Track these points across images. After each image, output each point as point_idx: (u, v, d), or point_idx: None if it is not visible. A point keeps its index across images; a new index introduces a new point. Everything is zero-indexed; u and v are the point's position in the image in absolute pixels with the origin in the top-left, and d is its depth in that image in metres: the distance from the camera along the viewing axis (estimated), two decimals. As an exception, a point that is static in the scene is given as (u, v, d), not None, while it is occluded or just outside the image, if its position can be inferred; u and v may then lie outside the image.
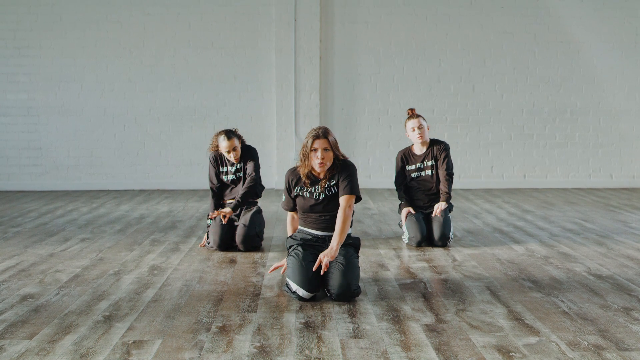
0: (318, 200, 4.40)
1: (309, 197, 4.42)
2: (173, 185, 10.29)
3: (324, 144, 4.29)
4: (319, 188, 4.39)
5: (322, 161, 4.29)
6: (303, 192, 4.44)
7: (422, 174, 6.03)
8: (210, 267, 5.13)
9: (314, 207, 4.41)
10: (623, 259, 5.37)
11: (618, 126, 10.52)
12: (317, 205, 4.41)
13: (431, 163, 6.01)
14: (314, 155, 4.30)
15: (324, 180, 4.39)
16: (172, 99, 10.23)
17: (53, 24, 10.08)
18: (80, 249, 5.80)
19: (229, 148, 5.72)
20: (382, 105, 10.32)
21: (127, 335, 3.55)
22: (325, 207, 4.40)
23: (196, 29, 10.17)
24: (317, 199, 4.40)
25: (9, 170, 10.23)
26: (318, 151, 4.29)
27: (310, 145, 4.30)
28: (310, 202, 4.41)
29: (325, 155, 4.29)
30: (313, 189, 4.41)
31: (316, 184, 4.42)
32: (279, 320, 3.81)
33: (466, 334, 3.57)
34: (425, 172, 6.02)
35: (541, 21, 10.32)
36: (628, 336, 3.53)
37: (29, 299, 4.26)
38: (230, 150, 5.73)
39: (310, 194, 4.41)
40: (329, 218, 4.41)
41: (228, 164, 5.87)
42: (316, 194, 4.40)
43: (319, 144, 4.29)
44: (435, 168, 6.01)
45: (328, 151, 4.31)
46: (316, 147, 4.29)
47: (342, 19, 10.21)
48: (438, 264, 5.22)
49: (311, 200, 4.41)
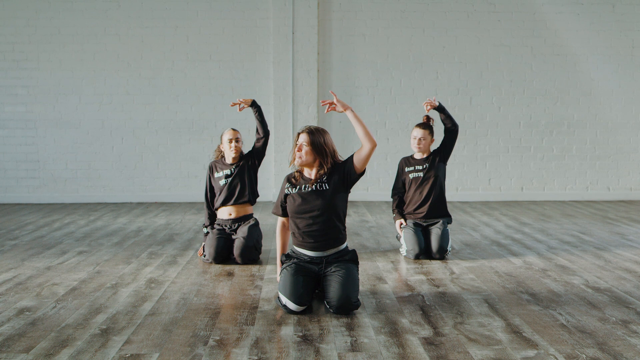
0: (306, 192, 4.37)
1: (297, 192, 4.41)
2: (171, 198, 10.28)
3: (303, 138, 4.42)
4: (312, 187, 4.40)
5: (299, 155, 4.40)
6: (291, 190, 4.46)
7: (420, 175, 6.03)
8: (207, 280, 5.12)
9: (301, 205, 4.37)
10: (621, 272, 5.38)
11: (615, 139, 10.55)
12: (304, 201, 4.37)
13: (429, 165, 6.01)
14: (295, 148, 4.45)
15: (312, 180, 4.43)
16: (170, 112, 10.25)
17: (51, 37, 10.10)
18: (78, 262, 5.79)
19: (232, 136, 5.83)
20: (379, 118, 10.34)
21: (125, 349, 3.54)
22: (313, 204, 4.34)
23: (194, 42, 10.20)
24: (305, 190, 4.38)
25: (7, 183, 10.22)
26: (297, 146, 4.43)
27: (295, 140, 4.48)
28: (297, 200, 4.38)
29: (303, 150, 4.39)
30: (303, 186, 4.42)
31: (307, 181, 4.44)
32: (277, 333, 3.80)
33: (464, 347, 3.56)
34: (425, 173, 6.02)
35: (538, 34, 10.37)
36: (626, 349, 3.52)
37: (25, 312, 4.24)
38: (233, 139, 5.82)
39: (299, 189, 4.42)
40: (319, 231, 4.36)
41: (222, 169, 5.90)
42: (305, 186, 4.40)
43: (301, 139, 4.43)
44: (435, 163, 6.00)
45: (306, 147, 4.39)
46: (298, 143, 4.44)
47: (339, 32, 10.25)
48: (436, 277, 5.22)
49: (298, 199, 4.38)
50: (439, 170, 6.03)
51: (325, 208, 4.35)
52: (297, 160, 4.41)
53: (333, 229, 4.38)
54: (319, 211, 4.35)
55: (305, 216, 4.36)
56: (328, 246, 4.39)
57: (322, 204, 4.35)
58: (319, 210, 4.35)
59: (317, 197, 4.37)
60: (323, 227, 4.36)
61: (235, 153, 5.84)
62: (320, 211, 4.35)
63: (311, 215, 4.36)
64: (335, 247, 4.41)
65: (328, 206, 4.35)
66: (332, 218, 4.37)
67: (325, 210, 4.35)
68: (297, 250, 4.46)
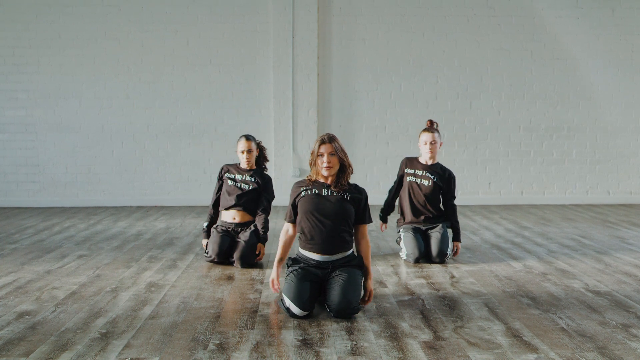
0: (327, 195, 4.41)
1: (316, 194, 4.43)
2: (171, 202, 10.28)
3: (329, 148, 4.43)
4: (330, 191, 4.43)
5: (329, 164, 4.41)
6: (308, 191, 4.46)
7: (419, 181, 6.03)
8: (207, 284, 5.11)
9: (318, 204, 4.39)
10: (621, 276, 5.37)
11: (615, 143, 10.56)
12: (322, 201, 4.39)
13: (431, 176, 6.00)
14: (320, 160, 4.43)
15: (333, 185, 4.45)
16: (170, 116, 10.26)
17: (52, 41, 10.11)
18: (78, 266, 5.78)
19: (244, 148, 5.87)
20: (379, 122, 10.35)
21: (124, 353, 3.53)
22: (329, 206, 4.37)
23: (194, 46, 10.21)
24: (327, 194, 4.42)
25: (7, 187, 10.22)
26: (324, 156, 4.42)
27: (317, 151, 4.46)
28: (315, 200, 4.40)
29: (331, 159, 4.42)
30: (322, 188, 4.45)
31: (325, 186, 4.46)
32: (277, 337, 3.80)
33: (464, 351, 3.56)
34: (422, 181, 6.02)
35: (538, 38, 10.38)
36: (626, 353, 3.52)
37: (25, 316, 4.24)
38: (245, 150, 5.86)
39: (319, 190, 4.44)
40: (327, 233, 4.37)
41: (238, 172, 5.95)
42: (325, 190, 4.43)
43: (325, 149, 4.43)
44: (436, 185, 6.01)
45: (334, 155, 4.42)
46: (322, 152, 4.43)
47: (339, 36, 10.26)
48: (436, 281, 5.22)
49: (317, 198, 4.41)
50: (434, 188, 6.02)
51: (340, 214, 4.38)
52: (326, 170, 4.42)
53: (342, 233, 4.39)
54: (333, 214, 4.37)
55: (318, 216, 4.37)
56: (335, 250, 4.38)
57: (337, 209, 4.38)
58: (333, 213, 4.37)
59: (336, 201, 4.40)
60: (333, 228, 4.36)
61: (247, 165, 5.93)
62: (334, 215, 4.37)
63: (324, 216, 4.36)
64: (342, 251, 4.41)
65: (342, 213, 4.38)
66: (342, 223, 4.39)
67: (339, 216, 4.38)
68: (304, 255, 4.45)
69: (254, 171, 5.95)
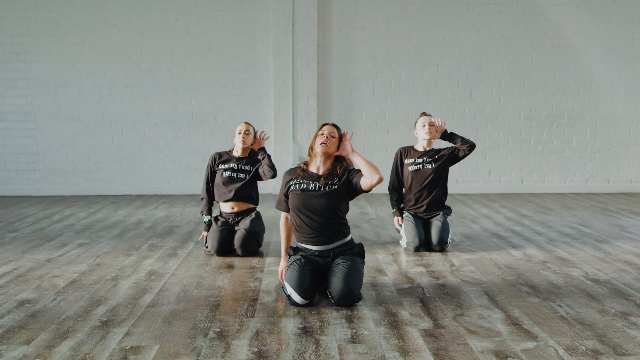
0: (312, 191, 4.36)
1: (302, 189, 4.38)
2: (171, 190, 10.28)
3: (331, 129, 4.46)
4: (317, 183, 4.39)
5: (325, 141, 4.40)
6: (296, 185, 4.43)
7: (421, 168, 5.99)
8: (208, 273, 5.12)
9: (305, 202, 4.35)
10: (620, 264, 5.38)
11: (615, 131, 10.55)
12: (309, 198, 4.35)
13: (430, 160, 5.96)
14: (320, 139, 4.43)
15: (323, 178, 4.40)
16: (169, 104, 10.24)
17: (51, 29, 10.08)
18: (78, 254, 5.79)
19: (243, 128, 5.89)
20: (379, 111, 10.33)
21: (125, 341, 3.54)
22: (317, 203, 4.33)
23: (194, 35, 10.18)
24: (314, 189, 4.36)
25: (7, 175, 10.22)
26: (324, 135, 4.43)
27: (318, 131, 4.48)
28: (302, 197, 4.36)
29: (329, 139, 4.42)
30: (310, 181, 4.41)
31: (314, 179, 4.42)
32: (277, 325, 3.81)
33: (464, 339, 3.57)
34: (425, 166, 5.98)
35: (538, 26, 10.35)
36: (626, 341, 3.53)
37: (26, 304, 4.25)
38: (243, 131, 5.87)
39: (306, 184, 4.40)
40: (320, 227, 4.35)
41: (229, 161, 5.88)
42: (313, 185, 4.38)
43: (326, 129, 4.46)
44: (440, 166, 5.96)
45: (334, 138, 4.44)
46: (323, 132, 4.45)
47: (339, 24, 10.23)
48: (436, 269, 5.22)
49: (303, 196, 4.36)
50: (439, 169, 5.98)
51: (328, 208, 4.35)
52: (321, 147, 4.40)
53: (334, 224, 4.38)
54: (321, 209, 4.34)
55: (307, 212, 4.36)
56: (331, 239, 4.38)
57: (325, 204, 4.34)
58: (321, 208, 4.34)
59: (323, 196, 4.35)
60: (324, 222, 4.35)
61: (242, 144, 5.86)
62: (323, 210, 4.34)
63: (313, 212, 4.35)
64: (339, 239, 4.41)
65: (331, 206, 4.35)
66: (333, 216, 4.37)
67: (328, 210, 4.35)
68: (302, 246, 4.46)
69: (246, 159, 5.91)
